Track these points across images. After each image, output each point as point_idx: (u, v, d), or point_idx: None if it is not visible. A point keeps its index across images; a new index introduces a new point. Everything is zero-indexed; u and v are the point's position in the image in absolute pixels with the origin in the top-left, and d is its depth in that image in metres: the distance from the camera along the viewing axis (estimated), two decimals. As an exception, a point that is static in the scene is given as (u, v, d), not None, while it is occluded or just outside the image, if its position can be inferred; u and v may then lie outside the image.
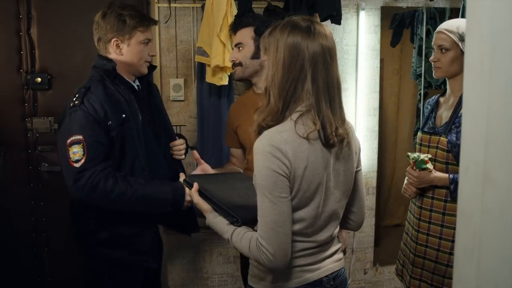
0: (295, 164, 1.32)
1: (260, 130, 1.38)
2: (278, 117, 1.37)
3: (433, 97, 2.17)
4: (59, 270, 2.96)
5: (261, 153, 1.32)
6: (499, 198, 0.65)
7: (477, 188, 0.68)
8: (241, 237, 1.37)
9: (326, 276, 1.47)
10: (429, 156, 1.97)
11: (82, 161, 1.79)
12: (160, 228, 2.32)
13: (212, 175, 1.88)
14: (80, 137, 1.79)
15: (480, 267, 0.68)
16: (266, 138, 1.34)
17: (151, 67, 2.11)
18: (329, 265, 1.49)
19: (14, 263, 2.91)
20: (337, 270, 1.51)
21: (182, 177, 1.83)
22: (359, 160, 1.53)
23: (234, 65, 2.10)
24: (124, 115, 1.90)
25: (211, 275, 3.12)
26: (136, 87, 2.05)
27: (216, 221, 1.47)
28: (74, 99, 1.86)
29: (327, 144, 1.36)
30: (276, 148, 1.30)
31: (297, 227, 1.38)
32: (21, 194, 2.87)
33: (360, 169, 1.54)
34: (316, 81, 1.35)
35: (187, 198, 1.88)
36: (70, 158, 1.79)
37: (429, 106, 2.14)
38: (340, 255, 1.56)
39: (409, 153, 2.03)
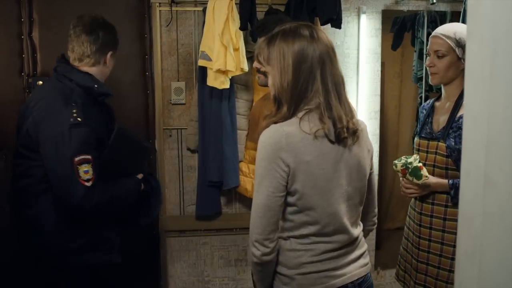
0: (296, 158, 1.33)
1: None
2: (288, 118, 1.39)
3: (428, 102, 2.16)
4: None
5: (262, 144, 1.35)
6: (500, 201, 0.65)
7: (478, 191, 0.68)
8: None
9: (352, 282, 1.44)
10: (418, 159, 1.92)
11: (92, 180, 1.84)
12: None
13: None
14: (89, 156, 1.84)
15: (481, 271, 0.68)
16: (270, 131, 1.36)
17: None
18: (354, 271, 1.46)
19: (14, 267, 2.90)
20: (363, 276, 1.48)
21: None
22: (372, 162, 1.53)
23: (259, 72, 1.99)
24: (110, 131, 1.97)
25: (212, 278, 3.11)
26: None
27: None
28: (73, 114, 1.85)
29: (338, 139, 1.37)
30: (276, 142, 1.33)
31: (313, 229, 1.38)
32: (23, 197, 2.87)
33: (372, 171, 1.54)
34: (325, 79, 1.38)
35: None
36: (80, 176, 1.82)
37: (424, 111, 2.12)
38: (366, 259, 1.52)
39: (395, 161, 1.95)
